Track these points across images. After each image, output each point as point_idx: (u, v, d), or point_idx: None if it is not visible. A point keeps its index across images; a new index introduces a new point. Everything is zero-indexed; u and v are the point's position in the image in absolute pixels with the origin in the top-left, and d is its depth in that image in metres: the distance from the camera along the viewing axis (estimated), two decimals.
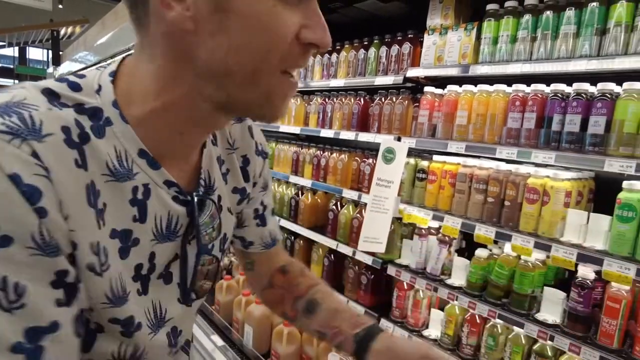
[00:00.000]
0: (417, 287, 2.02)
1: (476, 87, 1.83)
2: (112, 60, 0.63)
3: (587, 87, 1.52)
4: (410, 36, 2.15)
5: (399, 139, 2.05)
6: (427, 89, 2.01)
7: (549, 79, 1.65)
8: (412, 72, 2.06)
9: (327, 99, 2.62)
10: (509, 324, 1.70)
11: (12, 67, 13.45)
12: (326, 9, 2.45)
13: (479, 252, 1.85)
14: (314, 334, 0.90)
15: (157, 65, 0.56)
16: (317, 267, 2.58)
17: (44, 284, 0.49)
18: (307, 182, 2.64)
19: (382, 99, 2.24)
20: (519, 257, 1.74)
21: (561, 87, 1.58)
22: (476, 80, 1.89)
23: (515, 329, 1.71)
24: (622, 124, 1.39)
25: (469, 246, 2.08)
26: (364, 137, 2.25)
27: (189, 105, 0.58)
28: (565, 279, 1.88)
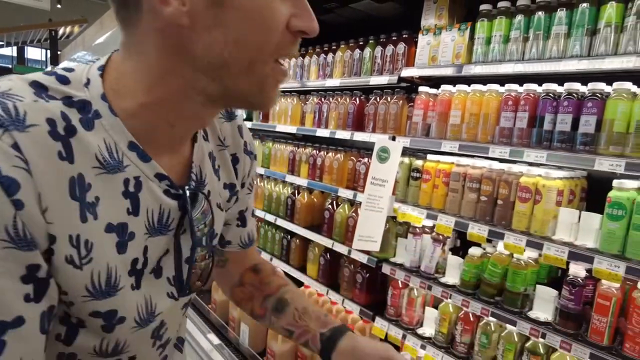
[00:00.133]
0: (411, 285, 2.04)
1: (470, 86, 1.85)
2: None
3: (578, 86, 1.53)
4: (404, 36, 2.16)
5: (394, 139, 2.06)
6: (421, 88, 2.02)
7: (541, 78, 1.67)
8: (407, 72, 2.07)
9: (323, 99, 2.63)
10: (501, 321, 1.72)
11: (10, 66, 13.45)
12: (322, 9, 2.47)
13: (473, 251, 1.86)
14: (281, 332, 0.91)
15: (150, 60, 0.56)
16: (313, 266, 2.59)
17: (14, 278, 0.48)
18: (303, 181, 2.66)
19: (377, 98, 2.25)
20: (511, 255, 1.75)
21: (553, 86, 1.59)
22: (470, 80, 1.90)
23: (508, 326, 1.72)
24: (612, 123, 1.41)
25: (464, 245, 2.10)
26: (359, 136, 2.27)
27: (182, 98, 0.58)
28: (558, 277, 1.89)
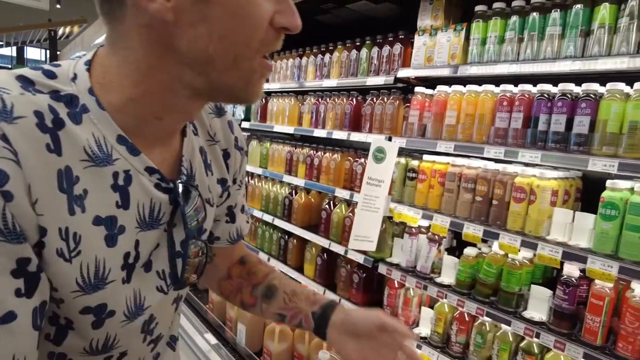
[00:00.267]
0: (407, 285, 2.04)
1: (465, 87, 1.85)
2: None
3: (572, 87, 1.54)
4: (401, 37, 2.17)
5: (390, 139, 2.07)
6: (417, 89, 2.03)
7: (535, 79, 1.68)
8: (403, 73, 2.08)
9: (320, 99, 2.64)
10: (496, 321, 1.72)
11: (9, 66, 13.44)
12: (319, 10, 2.48)
13: (468, 251, 1.87)
14: (273, 318, 0.92)
15: (135, 55, 0.56)
16: (310, 266, 2.60)
17: (4, 272, 0.48)
18: (300, 181, 2.66)
19: (374, 99, 2.26)
20: (506, 255, 1.76)
21: (547, 87, 1.60)
22: (465, 80, 1.91)
23: (502, 326, 1.73)
24: (605, 123, 1.41)
25: (460, 245, 2.10)
26: (355, 136, 2.27)
27: (168, 91, 0.59)
28: (553, 277, 1.90)
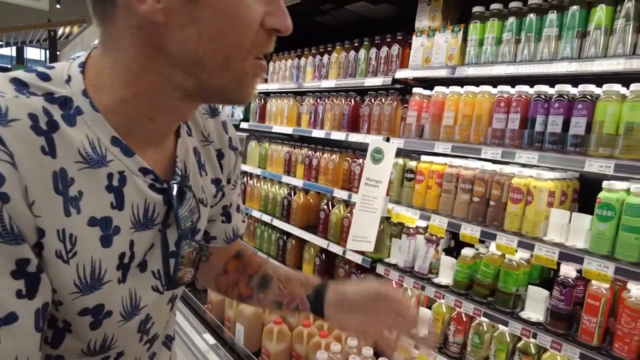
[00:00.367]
0: (405, 285, 2.05)
1: (463, 88, 1.86)
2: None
3: (568, 88, 1.54)
4: (399, 38, 2.17)
5: (388, 140, 2.07)
6: (415, 90, 2.03)
7: (532, 80, 1.68)
8: (401, 74, 2.08)
9: (318, 100, 2.64)
10: (494, 322, 1.73)
11: (9, 66, 13.45)
12: (317, 10, 2.48)
13: (465, 251, 1.87)
14: (271, 306, 0.92)
15: (127, 56, 0.57)
16: (308, 266, 2.60)
17: (4, 273, 0.49)
18: (299, 182, 2.67)
19: (372, 100, 2.26)
20: (503, 256, 1.77)
21: (544, 88, 1.60)
22: (463, 81, 1.91)
23: (500, 327, 1.73)
24: (601, 125, 1.42)
25: (457, 245, 2.11)
26: (354, 137, 2.28)
27: (159, 93, 0.59)
28: (550, 277, 1.90)
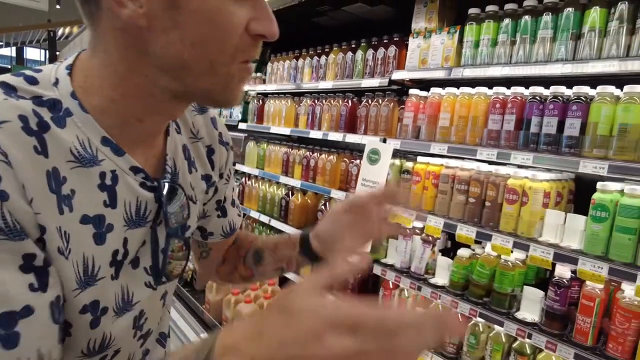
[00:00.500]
0: (401, 286, 2.05)
1: (458, 89, 1.86)
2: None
3: (563, 90, 1.55)
4: (396, 39, 2.18)
5: (385, 141, 2.08)
6: (411, 91, 2.04)
7: (528, 81, 1.69)
8: (397, 75, 2.09)
9: (316, 101, 2.65)
10: (489, 322, 1.73)
11: (9, 67, 13.47)
12: (315, 12, 2.49)
13: (461, 252, 1.88)
14: (275, 275, 0.95)
15: (112, 58, 0.58)
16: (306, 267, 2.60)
17: (13, 269, 0.49)
18: (297, 182, 2.67)
19: (369, 101, 2.27)
20: (499, 256, 1.77)
21: (539, 89, 1.61)
22: (459, 82, 1.92)
23: (495, 327, 1.74)
24: (595, 126, 1.42)
25: (454, 246, 2.11)
26: (351, 138, 2.28)
27: (146, 95, 0.60)
28: (546, 278, 1.91)
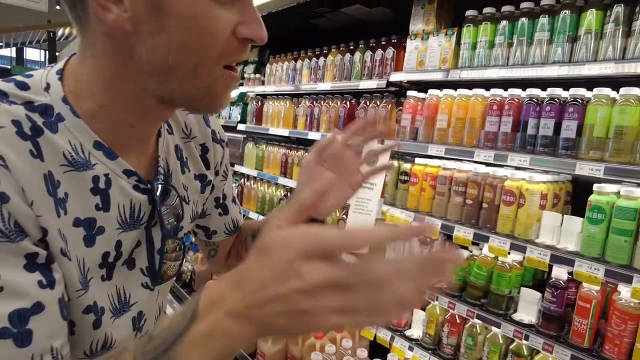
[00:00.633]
0: None
1: (456, 91, 1.87)
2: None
3: (560, 92, 1.55)
4: (393, 41, 2.19)
5: (382, 142, 2.08)
6: (409, 93, 2.04)
7: (525, 83, 1.69)
8: (395, 77, 2.09)
9: (314, 102, 2.66)
10: (486, 323, 1.74)
11: (9, 67, 13.46)
12: (313, 13, 2.49)
13: None
14: None
15: (101, 62, 0.58)
16: None
17: (19, 269, 0.49)
18: (295, 183, 2.67)
19: (367, 102, 2.28)
20: (496, 258, 1.77)
21: (536, 92, 1.62)
22: (456, 84, 1.92)
23: (493, 328, 1.74)
24: (592, 128, 1.43)
25: None
26: None
27: (135, 99, 0.60)
28: (543, 279, 1.91)
